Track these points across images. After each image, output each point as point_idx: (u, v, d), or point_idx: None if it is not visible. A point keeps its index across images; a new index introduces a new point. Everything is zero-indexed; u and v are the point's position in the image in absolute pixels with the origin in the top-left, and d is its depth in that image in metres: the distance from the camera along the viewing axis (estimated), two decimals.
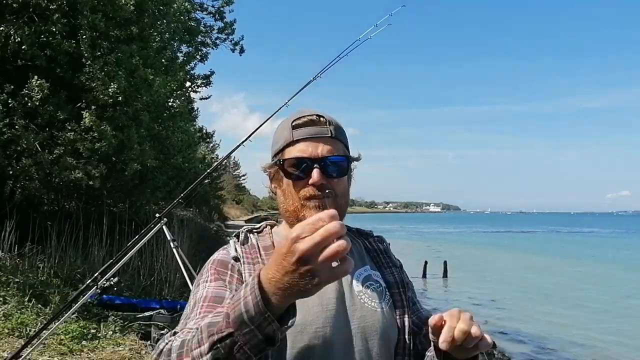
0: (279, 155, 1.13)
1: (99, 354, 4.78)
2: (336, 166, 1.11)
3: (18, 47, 6.02)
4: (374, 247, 1.24)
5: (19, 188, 7.41)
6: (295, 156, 1.10)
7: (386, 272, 1.18)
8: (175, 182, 10.60)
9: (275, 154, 1.15)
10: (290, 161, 1.10)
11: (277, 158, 1.13)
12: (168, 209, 3.87)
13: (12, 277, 5.74)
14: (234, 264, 1.08)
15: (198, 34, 11.62)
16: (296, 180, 1.10)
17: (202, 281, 1.06)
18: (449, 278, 17.83)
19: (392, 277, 1.18)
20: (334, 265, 0.71)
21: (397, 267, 1.22)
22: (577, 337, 10.13)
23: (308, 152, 1.09)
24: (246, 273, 1.06)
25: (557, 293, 15.47)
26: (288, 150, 1.11)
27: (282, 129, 1.15)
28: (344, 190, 1.14)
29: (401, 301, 1.15)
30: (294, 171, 1.10)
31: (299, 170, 1.09)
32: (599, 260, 25.72)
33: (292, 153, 1.10)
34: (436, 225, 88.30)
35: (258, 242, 1.15)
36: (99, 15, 6.29)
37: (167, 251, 7.30)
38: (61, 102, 6.32)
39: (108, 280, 3.44)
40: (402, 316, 1.13)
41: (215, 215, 25.31)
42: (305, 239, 0.71)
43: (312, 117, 1.12)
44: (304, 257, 0.70)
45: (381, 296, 1.13)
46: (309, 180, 1.08)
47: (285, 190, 1.13)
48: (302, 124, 1.11)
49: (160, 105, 8.52)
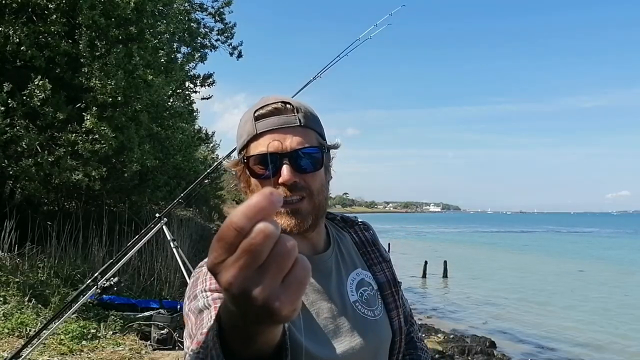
0: (243, 152, 0.99)
1: (99, 354, 4.78)
2: (309, 158, 0.96)
3: (17, 48, 6.02)
4: (361, 238, 1.15)
5: (18, 188, 7.41)
6: (260, 152, 0.95)
7: (377, 270, 1.11)
8: (176, 182, 10.60)
9: (240, 150, 1.01)
10: (255, 158, 0.96)
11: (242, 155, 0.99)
12: (168, 209, 3.87)
13: (12, 277, 5.75)
14: None
15: (198, 36, 11.62)
16: (264, 179, 0.96)
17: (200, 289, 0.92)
18: (449, 278, 17.83)
19: (384, 275, 1.11)
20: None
21: (386, 262, 1.14)
22: (577, 337, 10.12)
23: (274, 146, 0.94)
24: None
25: (557, 293, 15.46)
26: (253, 145, 0.97)
27: (244, 121, 1.00)
28: (321, 185, 1.00)
29: (394, 302, 1.09)
30: (260, 169, 0.96)
31: (266, 168, 0.95)
32: (599, 260, 25.70)
33: (257, 148, 0.96)
34: (436, 225, 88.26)
35: None
36: (97, 11, 6.29)
37: (167, 251, 7.29)
38: (60, 103, 6.32)
39: (108, 280, 3.45)
40: (397, 317, 1.08)
41: (215, 215, 25.29)
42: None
43: (276, 105, 0.97)
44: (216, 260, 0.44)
45: (375, 301, 1.07)
46: (279, 179, 0.94)
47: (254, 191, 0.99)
48: (265, 114, 0.97)
49: (159, 106, 8.53)
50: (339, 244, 1.10)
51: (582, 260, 25.12)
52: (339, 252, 1.09)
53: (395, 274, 1.14)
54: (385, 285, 1.10)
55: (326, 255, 1.05)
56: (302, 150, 0.95)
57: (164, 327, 5.18)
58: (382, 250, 1.16)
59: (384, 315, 1.06)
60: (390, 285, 1.11)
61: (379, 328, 1.04)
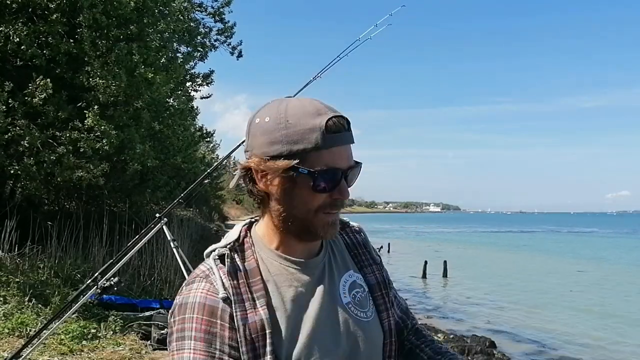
0: (296, 159, 0.94)
1: (99, 354, 4.78)
2: (355, 175, 1.02)
3: (17, 47, 6.02)
4: (353, 240, 1.15)
5: (19, 188, 7.41)
6: (330, 166, 0.95)
7: (367, 272, 1.11)
8: (176, 182, 10.61)
9: (290, 155, 0.95)
10: (326, 172, 0.95)
11: (297, 163, 0.95)
12: (168, 209, 3.88)
13: (13, 277, 5.75)
14: (225, 308, 0.93)
15: (197, 35, 11.63)
16: (321, 192, 0.97)
17: (188, 336, 0.92)
18: (449, 278, 17.84)
19: (374, 277, 1.12)
20: None
21: (377, 265, 1.14)
22: (577, 337, 10.13)
23: (341, 163, 0.97)
24: (238, 317, 0.93)
25: (557, 293, 15.47)
26: (316, 154, 0.94)
27: (305, 127, 0.95)
28: None
29: (384, 304, 1.10)
30: (326, 184, 0.96)
31: (332, 184, 0.96)
32: (599, 260, 25.72)
33: (324, 161, 0.95)
34: (436, 225, 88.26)
35: (245, 265, 1.00)
36: (99, 9, 6.29)
37: (167, 251, 7.30)
38: (61, 102, 6.33)
39: (108, 280, 3.45)
40: (387, 319, 1.08)
41: (215, 215, 25.32)
42: None
43: (341, 121, 0.96)
44: None
45: (367, 303, 1.07)
46: (334, 195, 0.97)
47: (296, 194, 0.97)
48: (335, 128, 0.95)
49: (160, 105, 8.53)
50: (332, 246, 1.11)
51: (581, 261, 25.13)
52: (332, 254, 1.09)
53: (385, 276, 1.15)
54: (375, 287, 1.10)
55: (319, 258, 1.06)
56: (354, 169, 1.00)
57: (164, 327, 5.18)
58: (373, 252, 1.17)
59: (375, 317, 1.07)
60: (381, 287, 1.11)
61: (371, 329, 1.04)
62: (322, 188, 0.96)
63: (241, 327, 0.92)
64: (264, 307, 0.95)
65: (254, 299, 0.96)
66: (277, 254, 1.03)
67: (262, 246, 1.04)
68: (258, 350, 0.93)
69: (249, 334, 0.92)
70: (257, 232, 1.06)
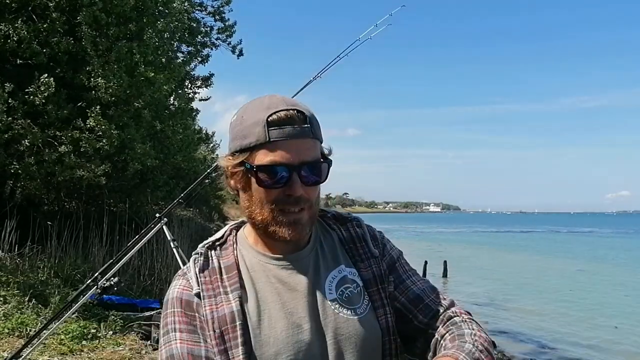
0: (246, 154, 0.96)
1: (99, 354, 4.78)
2: (316, 172, 0.97)
3: (17, 46, 6.02)
4: (351, 234, 1.10)
5: (19, 187, 7.41)
6: (272, 162, 0.93)
7: (362, 267, 1.06)
8: (175, 182, 10.60)
9: (241, 150, 0.96)
10: (266, 167, 0.94)
11: (245, 158, 0.96)
12: (168, 209, 3.87)
13: (13, 277, 5.74)
14: (199, 302, 0.97)
15: (198, 35, 11.62)
16: (271, 189, 0.95)
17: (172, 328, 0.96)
18: (449, 278, 17.83)
19: (370, 271, 1.06)
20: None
21: (375, 258, 1.08)
22: (578, 336, 10.13)
23: (287, 158, 0.93)
24: (207, 311, 0.96)
25: (557, 292, 15.46)
26: (261, 152, 0.94)
27: (252, 122, 0.95)
28: (319, 194, 1.01)
29: (381, 300, 1.04)
30: (268, 179, 0.94)
31: (274, 179, 0.94)
32: (599, 260, 25.71)
33: (268, 157, 0.93)
34: (436, 225, 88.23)
35: (220, 261, 1.02)
36: (98, 7, 6.29)
37: (167, 251, 7.30)
38: (61, 101, 6.32)
39: (108, 280, 3.44)
40: (385, 316, 1.03)
41: (215, 215, 25.28)
42: None
43: (290, 114, 0.94)
44: None
45: (359, 299, 1.02)
46: (286, 191, 0.95)
47: (253, 195, 0.98)
48: (279, 122, 0.93)
49: (160, 104, 8.53)
50: (321, 241, 1.08)
51: (581, 260, 25.11)
52: (319, 250, 1.07)
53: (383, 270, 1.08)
54: (371, 281, 1.05)
55: (304, 252, 1.05)
56: (310, 164, 0.96)
57: None
58: (372, 246, 1.10)
59: (370, 313, 1.02)
60: (377, 282, 1.05)
61: (359, 327, 0.99)
62: (266, 184, 0.95)
63: (209, 321, 0.95)
64: (237, 300, 0.97)
65: (226, 293, 0.98)
66: (256, 250, 1.04)
67: (245, 244, 1.06)
68: (229, 342, 0.94)
69: (217, 327, 0.95)
70: (243, 232, 1.09)
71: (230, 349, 0.93)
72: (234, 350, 0.93)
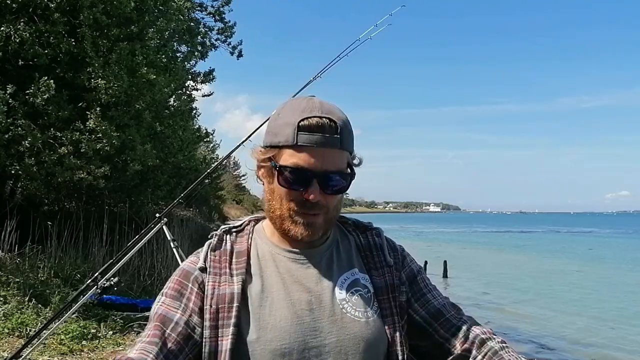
0: (274, 151, 1.00)
1: (99, 354, 4.78)
2: (337, 183, 1.00)
3: (19, 47, 6.02)
4: (370, 242, 1.12)
5: (19, 188, 7.41)
6: (295, 165, 0.97)
7: (375, 275, 1.07)
8: (176, 182, 10.61)
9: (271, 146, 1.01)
10: (288, 169, 0.97)
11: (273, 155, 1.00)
12: (168, 209, 3.87)
13: (13, 277, 5.74)
14: (198, 276, 1.01)
15: (198, 35, 11.63)
16: (291, 190, 0.99)
17: (163, 292, 1.02)
18: (449, 278, 17.83)
19: (382, 279, 1.07)
20: None
21: (389, 267, 1.09)
22: (578, 337, 10.13)
23: (310, 164, 0.96)
24: (209, 286, 0.99)
25: (557, 293, 15.46)
26: (288, 152, 0.97)
27: (285, 122, 0.99)
28: (338, 202, 1.04)
29: (390, 308, 1.04)
30: (289, 180, 0.98)
31: (295, 181, 0.98)
32: (598, 260, 25.71)
33: (292, 159, 0.97)
34: (436, 225, 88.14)
35: (233, 246, 1.06)
36: (99, 8, 6.29)
37: (167, 251, 7.30)
38: (62, 102, 6.32)
39: (108, 280, 3.44)
40: (393, 325, 1.03)
41: (215, 215, 25.30)
42: None
43: (323, 122, 0.96)
44: None
45: (368, 303, 1.03)
46: (304, 194, 0.97)
47: (275, 191, 1.01)
48: (310, 128, 0.96)
49: (160, 105, 8.53)
50: (338, 243, 1.10)
51: (580, 261, 25.12)
52: (335, 250, 1.08)
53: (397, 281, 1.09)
54: (382, 289, 1.06)
55: (319, 250, 1.06)
56: (333, 175, 0.98)
57: None
58: (388, 255, 1.11)
59: (378, 319, 1.03)
60: (389, 291, 1.06)
61: (365, 329, 1.00)
62: (286, 184, 0.99)
63: (209, 296, 0.98)
64: (239, 283, 0.99)
65: (231, 275, 1.01)
66: (271, 242, 1.07)
67: (262, 235, 1.09)
68: (222, 321, 0.96)
69: (214, 303, 0.98)
70: (261, 224, 1.12)
71: (222, 327, 0.96)
72: (224, 329, 0.96)
